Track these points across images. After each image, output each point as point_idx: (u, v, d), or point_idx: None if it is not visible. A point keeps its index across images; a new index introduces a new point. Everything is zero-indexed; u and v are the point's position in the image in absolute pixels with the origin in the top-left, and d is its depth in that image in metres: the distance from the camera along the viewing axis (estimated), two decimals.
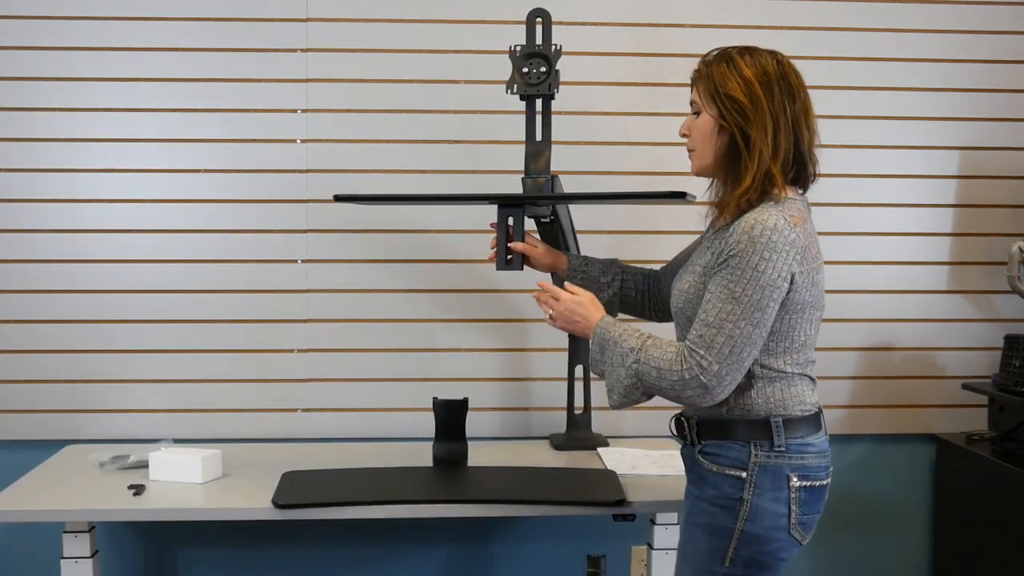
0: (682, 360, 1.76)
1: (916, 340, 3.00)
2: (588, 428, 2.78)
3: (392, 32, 2.84)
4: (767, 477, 1.79)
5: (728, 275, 1.74)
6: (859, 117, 2.93)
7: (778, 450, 1.80)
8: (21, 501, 2.25)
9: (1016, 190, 3.00)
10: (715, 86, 1.83)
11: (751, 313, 1.73)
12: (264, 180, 2.84)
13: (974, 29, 2.95)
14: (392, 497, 2.22)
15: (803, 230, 1.78)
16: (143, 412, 2.84)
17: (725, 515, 1.80)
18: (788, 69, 1.85)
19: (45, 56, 2.78)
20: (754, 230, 1.73)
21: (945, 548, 2.99)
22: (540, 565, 2.96)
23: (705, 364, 1.74)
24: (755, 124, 1.79)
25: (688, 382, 1.75)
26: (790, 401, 1.82)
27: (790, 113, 1.81)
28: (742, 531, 1.79)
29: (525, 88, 2.37)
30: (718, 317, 1.74)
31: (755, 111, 1.79)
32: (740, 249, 1.73)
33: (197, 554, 2.90)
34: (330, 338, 2.87)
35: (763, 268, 1.72)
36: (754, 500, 1.78)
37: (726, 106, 1.81)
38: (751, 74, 1.81)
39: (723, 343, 1.73)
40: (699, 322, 1.77)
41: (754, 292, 1.72)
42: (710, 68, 1.85)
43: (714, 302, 1.75)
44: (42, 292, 2.81)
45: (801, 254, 1.76)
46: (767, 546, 1.80)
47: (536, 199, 2.27)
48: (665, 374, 1.77)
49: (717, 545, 1.81)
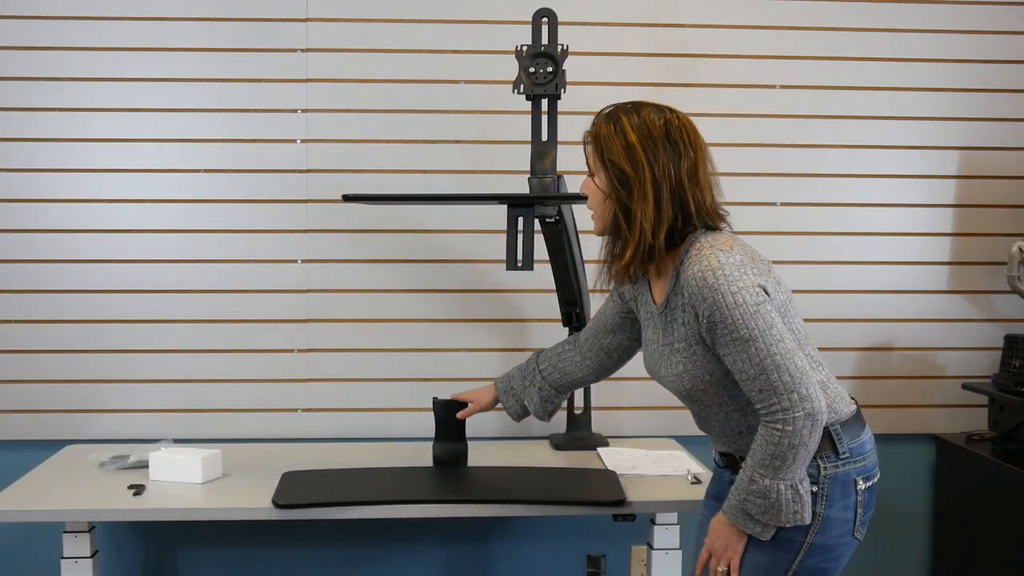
0: (771, 428, 1.71)
1: (916, 340, 3.00)
2: (588, 428, 2.78)
3: (392, 32, 2.84)
4: (837, 487, 1.77)
5: (725, 331, 1.71)
6: (859, 117, 2.93)
7: (843, 457, 1.78)
8: (21, 501, 2.25)
9: (1016, 190, 2.99)
10: (602, 150, 1.80)
11: (769, 335, 1.70)
12: (264, 180, 2.84)
13: (974, 29, 2.95)
14: (392, 497, 2.22)
15: (739, 247, 1.77)
16: (143, 412, 2.84)
17: (796, 530, 1.76)
18: (675, 126, 1.79)
19: (44, 56, 2.78)
20: (707, 279, 1.71)
21: (945, 548, 2.99)
22: (540, 565, 2.96)
23: (785, 404, 1.69)
24: (637, 195, 1.76)
25: (795, 429, 1.69)
26: (836, 403, 1.80)
27: (674, 176, 1.77)
28: (812, 543, 1.77)
29: (532, 88, 2.37)
30: (755, 364, 1.70)
31: (637, 179, 1.76)
32: (711, 303, 1.71)
33: (197, 554, 2.90)
34: (330, 338, 2.87)
35: (741, 300, 1.70)
36: (826, 512, 1.76)
37: (611, 174, 1.78)
38: (635, 139, 1.77)
39: (779, 376, 1.69)
40: (747, 382, 1.72)
41: (754, 321, 1.70)
42: (599, 129, 1.82)
43: (739, 357, 1.71)
44: (42, 292, 2.81)
45: (754, 267, 1.75)
46: (832, 553, 1.79)
47: (545, 199, 2.27)
48: (780, 447, 1.70)
49: (781, 558, 1.78)
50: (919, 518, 3.06)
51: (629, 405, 2.93)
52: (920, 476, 3.05)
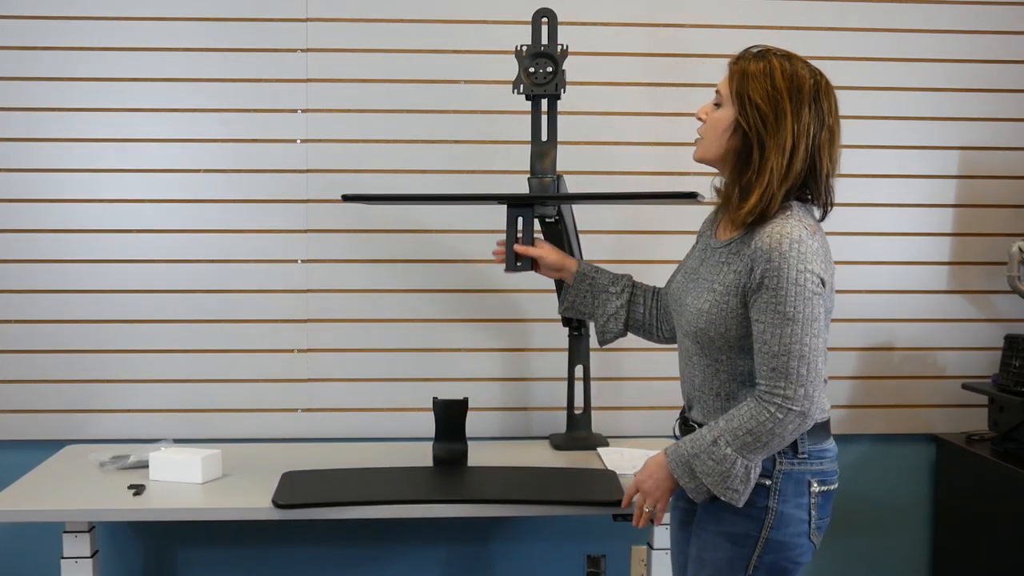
0: (765, 406, 1.72)
1: (916, 340, 3.00)
2: (588, 428, 2.78)
3: (392, 32, 2.84)
4: (790, 484, 1.78)
5: (772, 297, 1.71)
6: (859, 117, 2.93)
7: (801, 456, 1.79)
8: (21, 501, 2.25)
9: (1016, 190, 3.00)
10: (745, 87, 1.77)
11: (810, 326, 1.70)
12: (264, 180, 2.84)
13: (974, 29, 2.95)
14: (392, 497, 2.22)
15: (820, 236, 1.78)
16: (143, 412, 2.84)
17: (750, 523, 1.78)
18: (824, 91, 1.79)
19: (44, 56, 2.78)
20: (782, 245, 1.71)
21: (945, 548, 2.99)
22: (540, 565, 2.96)
23: (790, 393, 1.70)
24: (773, 138, 1.75)
25: (785, 419, 1.71)
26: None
27: (813, 137, 1.76)
28: (767, 539, 1.78)
29: (532, 88, 2.37)
30: (783, 344, 1.70)
31: (776, 125, 1.75)
32: (774, 268, 1.70)
33: (197, 554, 2.90)
34: (330, 338, 2.87)
35: (803, 281, 1.70)
36: (779, 507, 1.77)
37: (749, 110, 1.76)
38: (783, 86, 1.75)
39: (798, 366, 1.70)
40: (765, 355, 1.72)
41: (804, 306, 1.70)
42: (746, 64, 1.79)
43: (771, 330, 1.71)
44: (42, 292, 2.81)
45: (824, 260, 1.76)
46: (790, 552, 1.79)
47: (546, 199, 2.27)
48: (761, 428, 1.71)
49: (740, 553, 1.79)
50: (919, 518, 3.06)
51: (629, 405, 2.93)
52: (920, 476, 3.05)
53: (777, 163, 1.75)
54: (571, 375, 2.76)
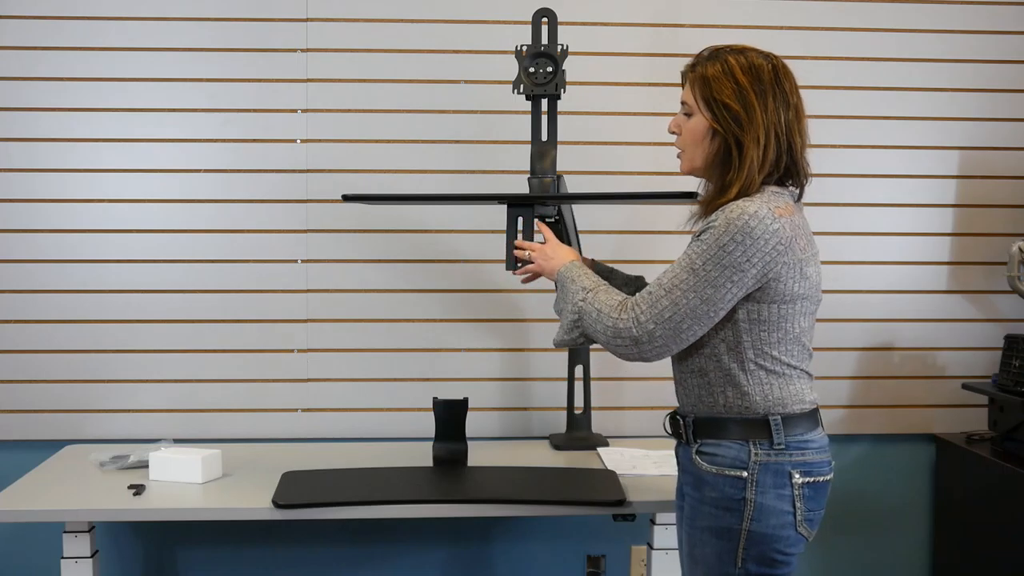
0: (622, 310, 1.79)
1: (916, 340, 3.00)
2: (588, 428, 2.78)
3: (392, 32, 2.84)
4: (769, 475, 1.78)
5: (696, 248, 1.76)
6: (859, 117, 2.93)
7: (778, 448, 1.79)
8: (21, 501, 2.25)
9: (1016, 190, 3.00)
10: (710, 91, 1.81)
11: (703, 288, 1.73)
12: (264, 180, 2.84)
13: (974, 29, 2.95)
14: (392, 497, 2.22)
15: (789, 221, 1.76)
16: (143, 412, 2.84)
17: (730, 516, 1.79)
18: (783, 73, 1.82)
19: (44, 56, 2.78)
20: (733, 213, 1.73)
21: (945, 548, 2.99)
22: (540, 565, 2.96)
23: (643, 319, 1.76)
24: (749, 133, 1.78)
25: (620, 331, 1.78)
26: (789, 399, 1.81)
27: (783, 121, 1.79)
28: (749, 531, 1.77)
29: (532, 88, 2.37)
30: (671, 282, 1.76)
31: (749, 121, 1.78)
32: (714, 227, 1.74)
33: (197, 554, 2.90)
34: (330, 338, 2.87)
35: (730, 249, 1.72)
36: (758, 499, 1.77)
37: (721, 113, 1.79)
38: (746, 81, 1.79)
39: (666, 306, 1.75)
40: (653, 282, 1.80)
41: (712, 269, 1.72)
42: (704, 69, 1.82)
43: (674, 268, 1.77)
44: (42, 292, 2.81)
45: (785, 245, 1.74)
46: (776, 544, 1.79)
47: (547, 199, 2.27)
48: (603, 318, 1.81)
49: (726, 547, 1.80)
50: (919, 518, 3.06)
51: (629, 405, 2.93)
52: (920, 476, 3.05)
53: (756, 156, 1.78)
54: (571, 375, 2.76)
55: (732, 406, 1.81)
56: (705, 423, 1.84)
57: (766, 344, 1.79)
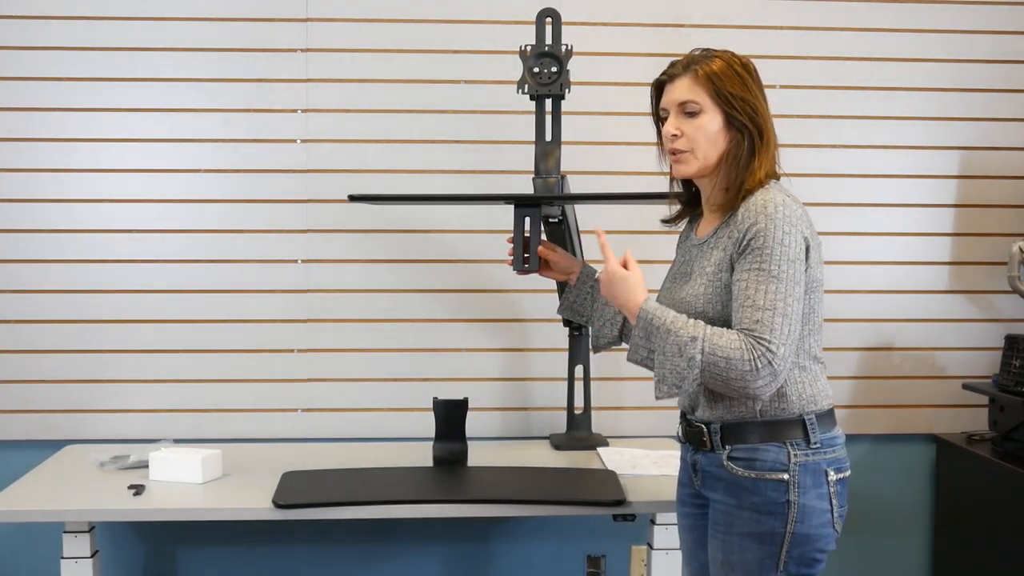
0: (751, 349, 1.68)
1: (916, 340, 3.00)
2: (588, 428, 2.78)
3: (392, 32, 2.84)
4: (808, 475, 1.77)
5: (757, 256, 1.71)
6: (859, 117, 2.93)
7: (814, 447, 1.78)
8: (21, 501, 2.25)
9: (1016, 190, 2.99)
10: (722, 85, 1.80)
11: (793, 287, 1.71)
12: (264, 180, 2.84)
13: (974, 29, 2.95)
14: (392, 497, 2.22)
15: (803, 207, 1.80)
16: (143, 412, 2.84)
17: (773, 520, 1.76)
18: (753, 68, 1.86)
19: (44, 56, 2.78)
20: (768, 208, 1.72)
21: (945, 548, 2.99)
22: (540, 565, 2.96)
23: (774, 348, 1.68)
24: (765, 118, 1.82)
25: (760, 371, 1.68)
26: (818, 396, 1.81)
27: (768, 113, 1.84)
28: (793, 533, 1.76)
29: (536, 88, 2.37)
30: (768, 299, 1.69)
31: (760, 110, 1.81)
32: (760, 229, 1.72)
33: (197, 554, 2.90)
34: (330, 338, 2.87)
35: (788, 242, 1.71)
36: (801, 500, 1.76)
37: (739, 104, 1.79)
38: (745, 73, 1.82)
39: (782, 323, 1.69)
40: (748, 308, 1.70)
41: (788, 267, 1.71)
42: (707, 66, 1.82)
43: (755, 286, 1.70)
44: (42, 292, 2.81)
45: (811, 226, 1.77)
46: (817, 543, 1.79)
47: (554, 199, 2.26)
48: (735, 364, 1.68)
49: (769, 551, 1.77)
50: (919, 518, 3.06)
51: (629, 405, 2.93)
52: (920, 476, 3.05)
53: (775, 137, 1.83)
54: (571, 375, 2.76)
55: (767, 409, 1.78)
56: (736, 428, 1.80)
57: (802, 338, 1.78)
